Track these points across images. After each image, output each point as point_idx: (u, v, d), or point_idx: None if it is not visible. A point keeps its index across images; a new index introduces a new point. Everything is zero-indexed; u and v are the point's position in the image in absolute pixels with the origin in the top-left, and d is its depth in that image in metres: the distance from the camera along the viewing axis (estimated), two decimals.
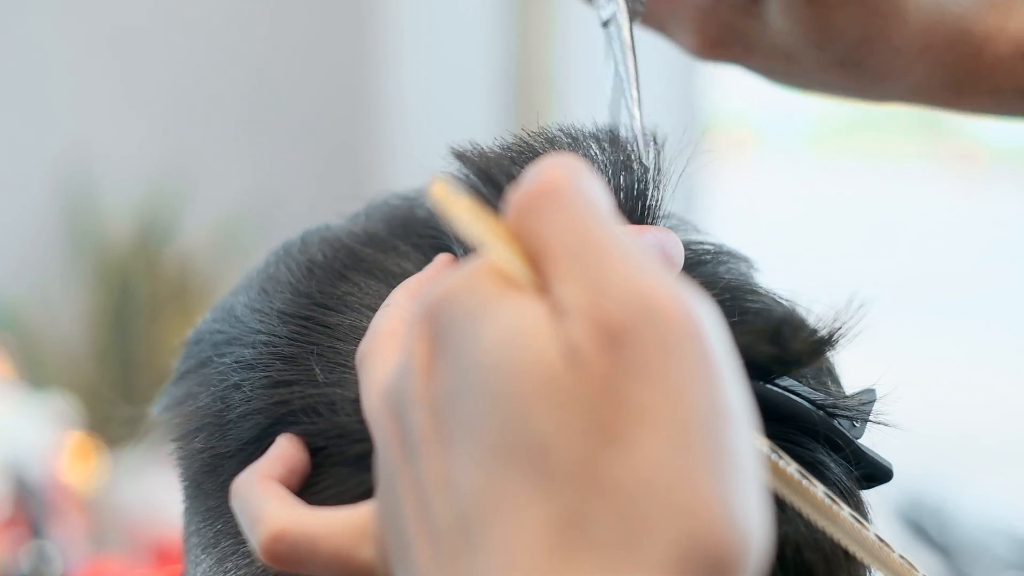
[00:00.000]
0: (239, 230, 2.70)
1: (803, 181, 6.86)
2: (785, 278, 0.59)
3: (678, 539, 0.37)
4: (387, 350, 0.47)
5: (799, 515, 0.48)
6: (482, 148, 0.54)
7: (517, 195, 0.42)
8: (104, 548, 2.34)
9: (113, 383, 2.68)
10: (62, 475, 2.22)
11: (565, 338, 0.39)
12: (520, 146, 0.54)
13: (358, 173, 2.98)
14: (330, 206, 0.65)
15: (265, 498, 0.50)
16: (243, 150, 3.01)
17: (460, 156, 0.53)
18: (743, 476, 0.39)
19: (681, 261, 0.52)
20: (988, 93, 0.70)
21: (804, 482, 0.47)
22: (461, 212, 0.43)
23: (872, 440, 0.55)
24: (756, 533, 0.39)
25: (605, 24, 0.69)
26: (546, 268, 0.41)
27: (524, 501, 0.38)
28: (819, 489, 0.47)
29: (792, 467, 0.47)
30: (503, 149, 0.54)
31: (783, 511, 0.49)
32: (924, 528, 2.88)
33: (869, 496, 0.55)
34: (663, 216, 0.55)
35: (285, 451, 0.53)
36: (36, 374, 2.58)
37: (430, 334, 0.42)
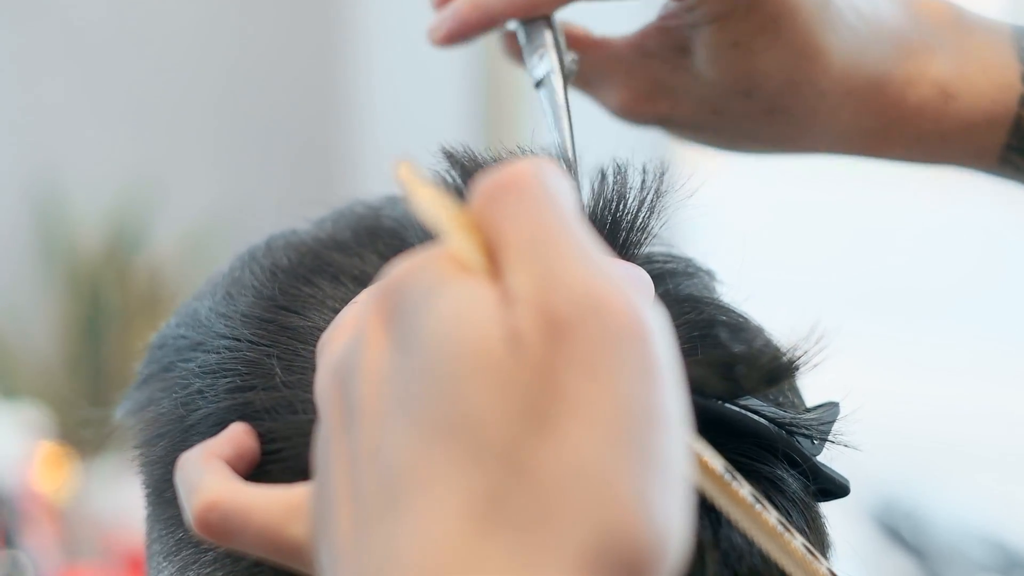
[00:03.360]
0: (209, 239, 2.69)
1: (774, 187, 6.87)
2: (755, 286, 0.59)
3: (592, 531, 0.38)
4: (345, 336, 0.47)
5: (750, 544, 0.48)
6: (473, 152, 0.54)
7: (482, 184, 0.43)
8: (77, 557, 2.33)
9: (84, 392, 2.66)
10: (34, 484, 2.21)
11: (510, 324, 0.39)
12: (509, 158, 0.54)
13: (329, 182, 2.98)
14: (300, 216, 0.65)
15: (206, 471, 0.51)
16: (212, 158, 3.00)
17: (449, 156, 0.54)
18: (668, 479, 0.39)
19: (651, 296, 0.52)
20: (914, 138, 0.72)
21: (757, 506, 0.47)
22: (424, 196, 0.43)
23: (845, 445, 0.55)
24: (674, 536, 0.39)
25: (538, 84, 0.69)
26: (501, 257, 0.41)
27: (448, 473, 0.39)
28: (772, 515, 0.47)
29: (746, 489, 0.47)
30: (493, 159, 0.54)
31: (733, 549, 0.50)
32: (899, 531, 2.89)
33: (844, 500, 0.55)
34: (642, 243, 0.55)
35: (236, 435, 0.54)
36: (7, 384, 2.57)
37: (383, 311, 0.42)
